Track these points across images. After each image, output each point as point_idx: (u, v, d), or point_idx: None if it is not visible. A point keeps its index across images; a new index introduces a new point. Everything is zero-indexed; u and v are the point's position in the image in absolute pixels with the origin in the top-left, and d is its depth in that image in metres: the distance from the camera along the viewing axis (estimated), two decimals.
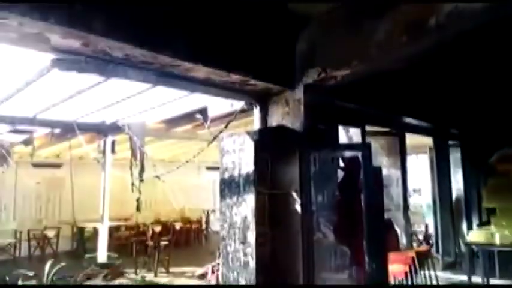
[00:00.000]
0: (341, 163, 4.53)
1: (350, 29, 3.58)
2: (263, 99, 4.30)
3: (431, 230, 8.52)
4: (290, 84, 4.01)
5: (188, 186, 12.34)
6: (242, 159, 3.64)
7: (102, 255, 7.75)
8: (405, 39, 3.17)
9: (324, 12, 3.77)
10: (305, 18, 3.93)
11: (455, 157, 8.08)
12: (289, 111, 4.10)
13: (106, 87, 4.87)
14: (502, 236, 5.36)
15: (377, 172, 4.40)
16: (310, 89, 3.96)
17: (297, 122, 4.01)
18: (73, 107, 6.10)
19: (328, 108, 4.34)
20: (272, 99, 4.25)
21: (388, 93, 5.59)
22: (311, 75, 3.86)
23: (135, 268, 7.45)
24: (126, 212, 10.18)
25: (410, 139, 7.22)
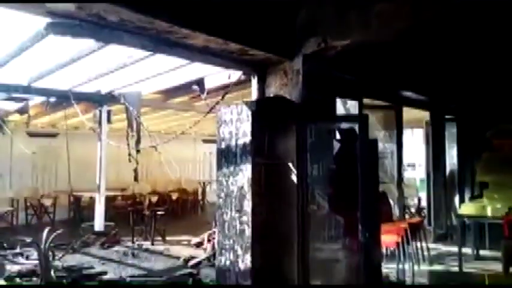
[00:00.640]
0: (337, 135, 4.56)
1: None
2: (261, 69, 4.27)
3: (423, 204, 8.67)
4: (289, 54, 3.97)
5: (184, 158, 12.38)
6: (239, 129, 3.64)
7: (98, 223, 7.85)
8: (407, 9, 3.13)
9: None
10: None
11: (450, 132, 8.13)
12: (287, 82, 4.08)
13: (101, 55, 4.80)
14: (494, 209, 5.45)
15: (373, 144, 4.44)
16: (309, 60, 3.93)
17: (295, 93, 3.99)
18: (68, 76, 6.02)
19: (326, 79, 4.31)
20: (270, 69, 4.22)
21: (387, 66, 5.56)
22: (311, 45, 3.82)
23: (132, 236, 7.56)
24: (122, 183, 10.25)
25: (406, 113, 7.23)
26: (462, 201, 7.54)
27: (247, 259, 3.46)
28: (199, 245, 6.94)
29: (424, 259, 5.94)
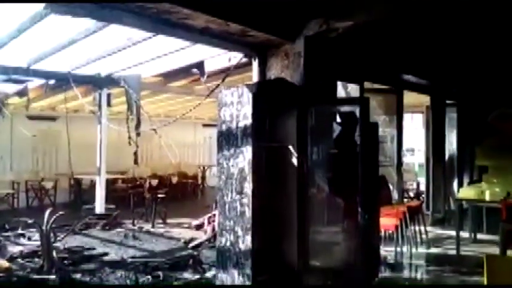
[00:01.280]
0: (338, 118, 4.56)
1: None
2: (262, 51, 4.24)
3: (422, 188, 8.72)
4: (291, 36, 3.94)
5: (184, 142, 12.39)
6: (240, 111, 3.64)
7: (99, 206, 7.90)
8: None
9: None
10: None
11: (450, 117, 8.11)
12: (288, 64, 4.06)
13: (101, 37, 4.76)
14: (492, 193, 5.48)
15: (373, 128, 4.44)
16: (311, 42, 3.90)
17: (296, 76, 3.98)
18: (67, 58, 5.98)
19: (327, 62, 4.29)
20: (272, 51, 4.20)
21: (388, 49, 5.52)
22: (313, 27, 3.79)
23: (133, 219, 7.62)
24: (122, 166, 10.27)
25: (407, 98, 7.21)
26: (461, 185, 7.58)
27: (247, 240, 3.50)
28: (199, 227, 7.00)
29: (422, 242, 6.01)
